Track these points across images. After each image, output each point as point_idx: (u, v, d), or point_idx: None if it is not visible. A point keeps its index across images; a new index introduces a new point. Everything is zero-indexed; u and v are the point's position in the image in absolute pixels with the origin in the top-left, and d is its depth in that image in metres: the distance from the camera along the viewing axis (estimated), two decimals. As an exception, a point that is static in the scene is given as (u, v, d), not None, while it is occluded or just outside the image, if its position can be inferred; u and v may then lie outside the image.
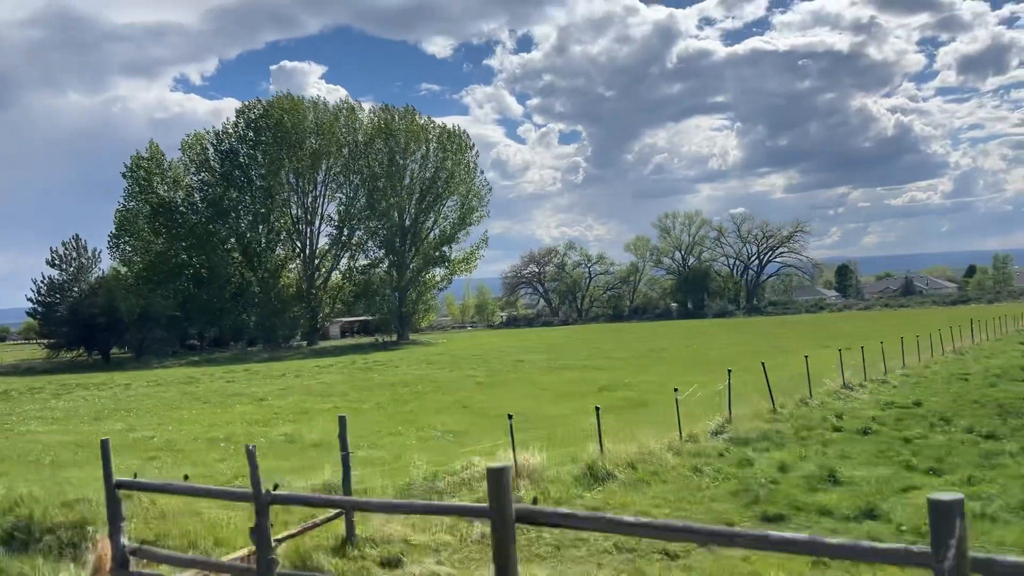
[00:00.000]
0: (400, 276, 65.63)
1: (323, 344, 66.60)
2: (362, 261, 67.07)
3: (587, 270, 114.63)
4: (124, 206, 63.54)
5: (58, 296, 66.53)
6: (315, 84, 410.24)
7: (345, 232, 65.29)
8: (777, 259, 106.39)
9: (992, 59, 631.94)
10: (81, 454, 14.02)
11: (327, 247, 66.75)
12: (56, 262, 67.75)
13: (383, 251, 65.49)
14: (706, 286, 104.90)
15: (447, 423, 16.70)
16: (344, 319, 77.50)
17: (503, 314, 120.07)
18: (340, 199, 65.44)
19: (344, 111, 64.40)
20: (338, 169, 64.99)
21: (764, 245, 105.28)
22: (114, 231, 64.83)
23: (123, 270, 63.58)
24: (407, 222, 64.64)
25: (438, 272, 68.23)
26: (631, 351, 36.53)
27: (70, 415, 21.12)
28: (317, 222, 65.81)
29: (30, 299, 67.45)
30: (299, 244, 65.46)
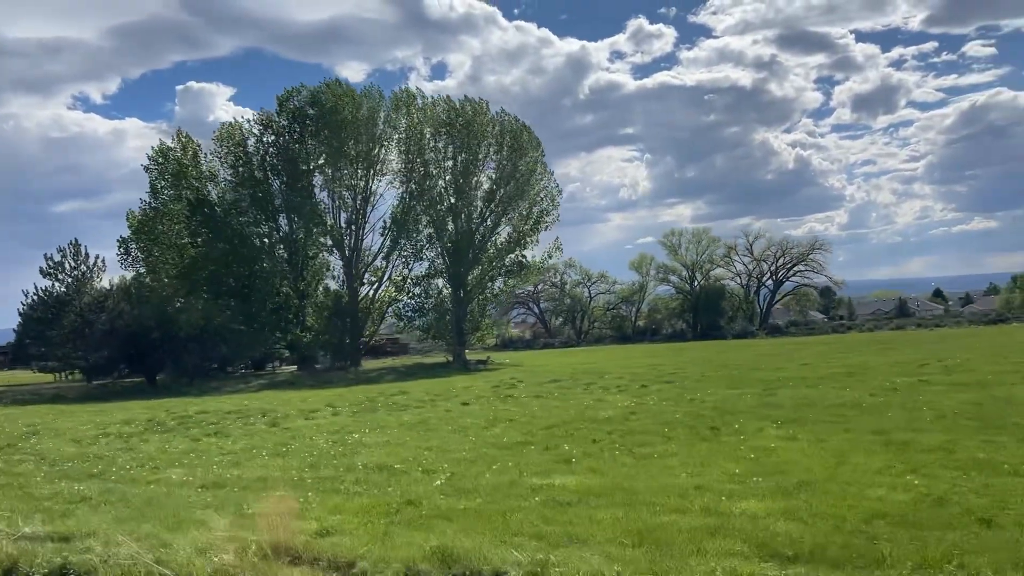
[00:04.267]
0: (462, 287, 58.02)
1: (368, 365, 58.15)
2: (417, 271, 59.12)
3: (587, 289, 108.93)
4: (148, 204, 54.09)
5: (52, 312, 56.86)
6: (223, 106, 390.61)
7: (400, 237, 57.23)
8: (792, 278, 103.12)
9: (882, 99, 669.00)
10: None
11: (376, 254, 58.54)
12: (51, 271, 58.04)
13: (445, 259, 57.61)
14: (719, 306, 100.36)
15: None
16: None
17: (495, 336, 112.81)
18: (396, 200, 57.57)
19: (404, 100, 56.72)
20: (397, 166, 57.18)
21: (779, 263, 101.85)
22: (126, 235, 55.25)
23: (147, 279, 53.98)
24: (473, 226, 57.21)
25: (498, 284, 60.84)
26: (891, 369, 30.47)
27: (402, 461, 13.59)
28: (367, 225, 57.72)
29: (23, 313, 57.50)
30: (347, 250, 57.01)
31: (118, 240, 55.39)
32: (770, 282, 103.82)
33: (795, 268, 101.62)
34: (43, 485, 12.63)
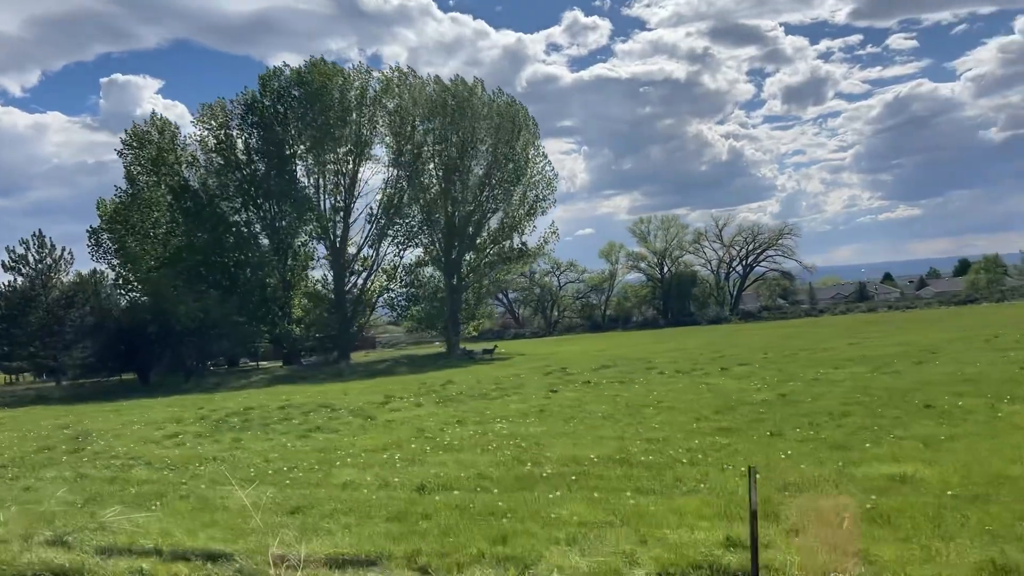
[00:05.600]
0: (456, 275, 55.67)
1: (357, 358, 55.38)
2: (408, 259, 56.62)
3: (556, 278, 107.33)
4: (124, 191, 50.41)
5: (16, 311, 53.03)
6: (151, 99, 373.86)
7: (394, 220, 54.56)
8: (762, 263, 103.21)
9: (812, 90, 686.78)
10: None
11: (365, 241, 55.71)
12: (14, 264, 54.10)
13: (438, 245, 55.15)
14: (690, 292, 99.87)
15: None
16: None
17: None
18: (385, 184, 54.85)
19: (395, 79, 54.03)
20: (386, 149, 54.49)
21: (749, 249, 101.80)
22: (98, 224, 51.41)
23: (120, 271, 50.32)
24: (467, 211, 54.86)
25: (494, 271, 58.64)
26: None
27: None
28: (355, 212, 54.92)
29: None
30: (333, 237, 54.08)
31: (88, 230, 51.60)
32: (739, 268, 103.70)
33: (765, 253, 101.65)
34: (207, 492, 10.23)
